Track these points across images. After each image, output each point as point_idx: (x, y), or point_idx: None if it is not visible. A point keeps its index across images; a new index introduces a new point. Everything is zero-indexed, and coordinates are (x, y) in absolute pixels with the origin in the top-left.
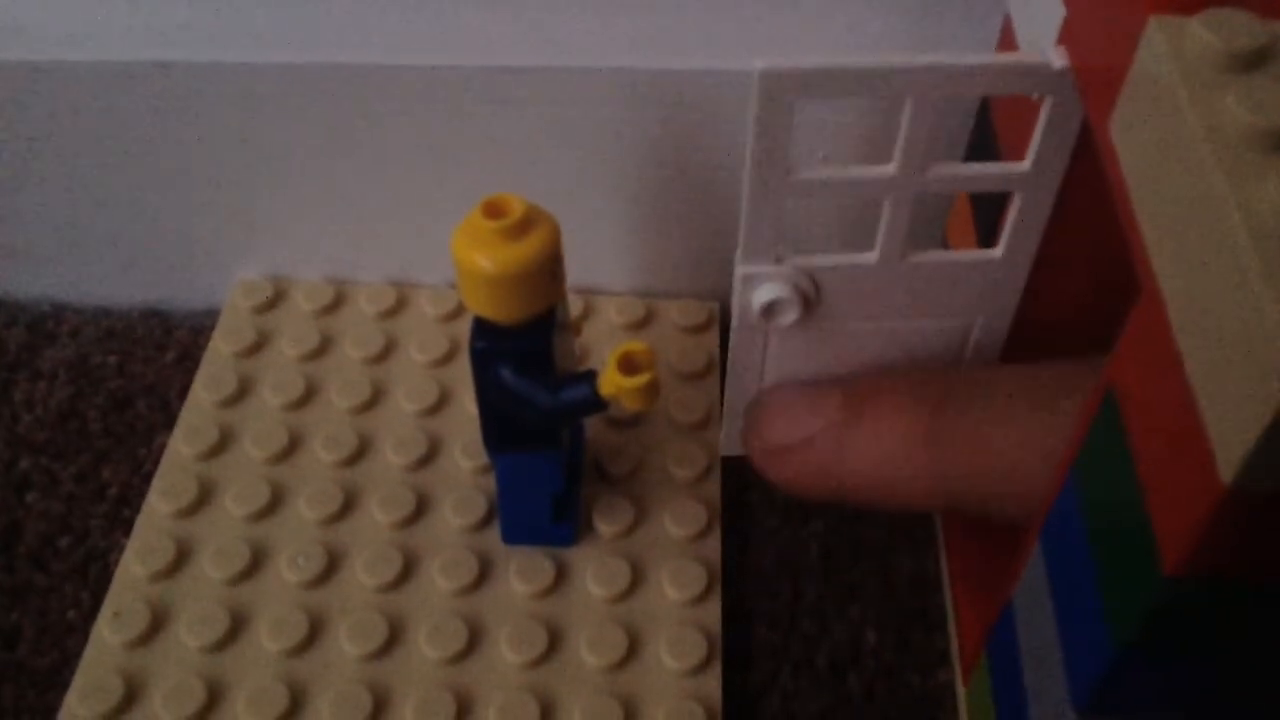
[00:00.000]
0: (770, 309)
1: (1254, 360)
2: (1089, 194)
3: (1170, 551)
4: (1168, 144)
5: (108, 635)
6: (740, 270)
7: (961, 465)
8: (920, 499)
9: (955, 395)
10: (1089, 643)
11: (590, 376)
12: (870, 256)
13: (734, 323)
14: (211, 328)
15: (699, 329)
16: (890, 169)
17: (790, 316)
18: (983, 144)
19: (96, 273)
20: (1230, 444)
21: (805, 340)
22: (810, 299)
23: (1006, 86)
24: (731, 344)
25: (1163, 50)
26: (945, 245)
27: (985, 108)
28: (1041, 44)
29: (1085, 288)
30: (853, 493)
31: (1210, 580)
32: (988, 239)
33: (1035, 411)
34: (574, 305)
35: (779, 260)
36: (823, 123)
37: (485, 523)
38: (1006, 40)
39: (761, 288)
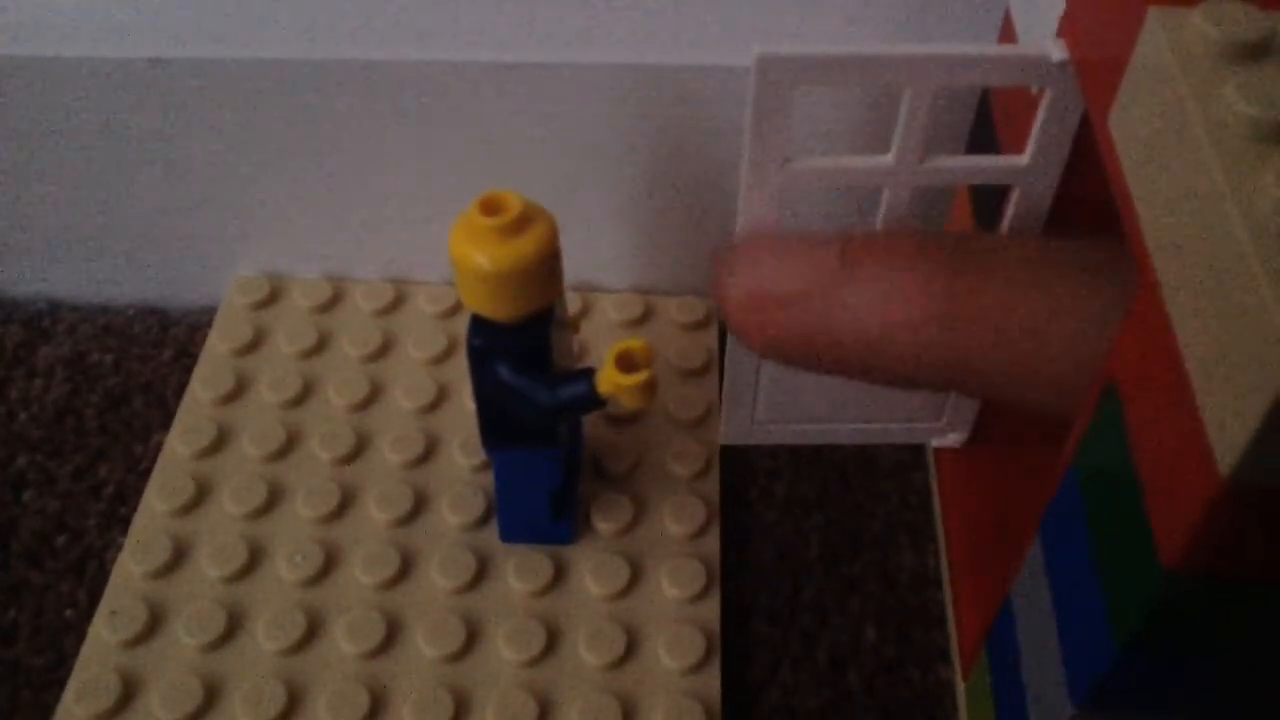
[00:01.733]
0: None
1: (1252, 353)
2: (1088, 187)
3: (1168, 546)
4: (1167, 136)
5: (105, 634)
6: None
7: (984, 330)
8: (926, 370)
9: (972, 254)
10: (1089, 640)
11: (588, 374)
12: None
13: None
14: (208, 325)
15: (697, 325)
16: (888, 160)
17: None
18: (982, 136)
19: (93, 270)
20: (1229, 436)
21: None
22: None
23: (1005, 78)
24: (731, 338)
25: (1163, 42)
26: None
27: (985, 100)
28: (1041, 36)
29: None
30: (843, 361)
31: (1209, 578)
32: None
33: (1067, 278)
34: (572, 302)
35: None
36: (820, 113)
37: (483, 521)
38: (1007, 32)
39: None
